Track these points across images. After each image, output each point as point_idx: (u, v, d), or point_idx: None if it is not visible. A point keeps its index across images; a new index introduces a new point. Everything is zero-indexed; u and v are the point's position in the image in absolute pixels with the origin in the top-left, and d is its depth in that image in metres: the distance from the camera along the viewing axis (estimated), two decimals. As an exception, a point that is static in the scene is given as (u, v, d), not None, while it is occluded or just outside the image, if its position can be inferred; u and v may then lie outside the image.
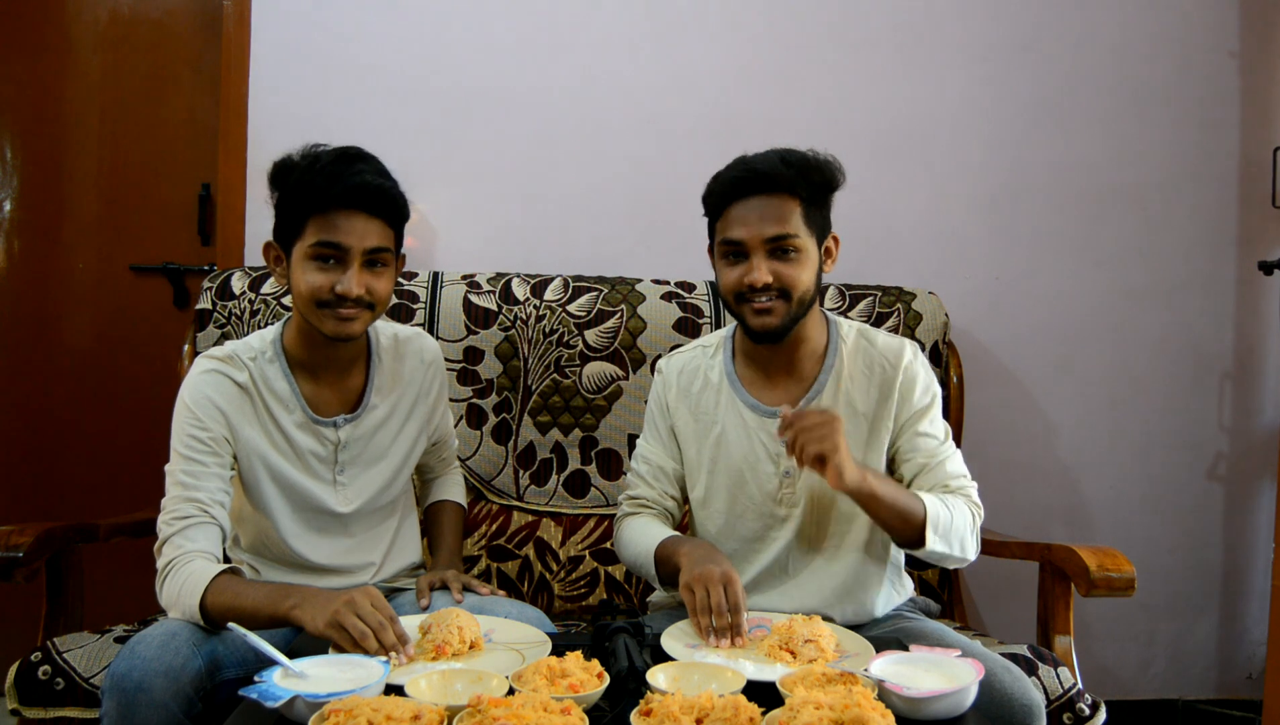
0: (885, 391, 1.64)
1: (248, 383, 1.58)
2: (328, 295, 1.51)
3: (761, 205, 1.55)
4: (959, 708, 1.19)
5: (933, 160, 2.60)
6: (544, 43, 2.50)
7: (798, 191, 1.55)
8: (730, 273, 1.59)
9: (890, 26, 2.58)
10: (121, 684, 1.31)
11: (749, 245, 1.55)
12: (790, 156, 1.57)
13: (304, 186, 1.50)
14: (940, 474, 1.61)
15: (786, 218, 1.55)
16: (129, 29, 2.57)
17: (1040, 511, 2.64)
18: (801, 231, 1.56)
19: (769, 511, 1.66)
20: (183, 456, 1.53)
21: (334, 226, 1.50)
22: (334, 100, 2.45)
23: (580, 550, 2.18)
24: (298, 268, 1.53)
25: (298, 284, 1.53)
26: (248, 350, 1.61)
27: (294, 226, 1.53)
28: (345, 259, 1.51)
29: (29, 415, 2.60)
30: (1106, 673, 2.67)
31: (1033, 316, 2.63)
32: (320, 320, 1.53)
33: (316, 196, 1.49)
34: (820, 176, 1.58)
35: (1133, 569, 1.80)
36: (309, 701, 1.10)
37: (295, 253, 1.53)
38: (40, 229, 2.60)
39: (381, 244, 1.53)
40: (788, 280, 1.55)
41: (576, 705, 1.09)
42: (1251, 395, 2.71)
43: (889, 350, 1.66)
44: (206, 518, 1.50)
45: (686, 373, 1.73)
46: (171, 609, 1.46)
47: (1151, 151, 2.65)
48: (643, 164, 2.53)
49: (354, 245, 1.50)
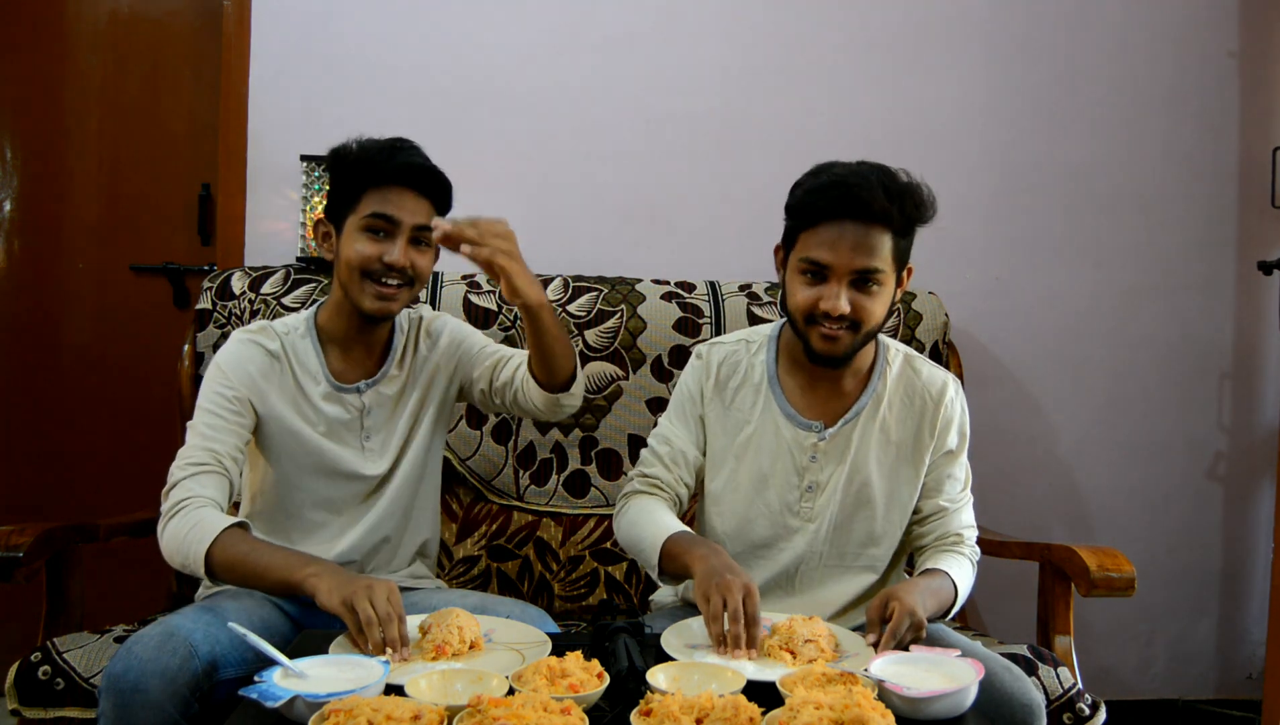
0: (921, 424, 1.64)
1: (279, 352, 1.66)
2: (376, 265, 1.59)
3: (855, 232, 1.48)
4: (959, 708, 1.18)
5: (933, 160, 2.58)
6: (544, 43, 2.50)
7: (892, 223, 1.49)
8: (805, 292, 1.52)
9: (890, 26, 2.58)
10: (118, 684, 1.31)
11: (833, 271, 1.49)
12: (891, 185, 1.50)
13: (363, 163, 1.60)
14: (954, 523, 1.65)
15: (877, 250, 1.49)
16: (129, 29, 2.57)
17: (1040, 511, 2.64)
18: (888, 265, 1.51)
19: (783, 522, 1.65)
20: (206, 410, 1.59)
21: (387, 200, 1.59)
22: (334, 100, 2.46)
23: (580, 550, 2.18)
24: (348, 239, 1.61)
25: (347, 254, 1.60)
26: (282, 326, 1.70)
27: (349, 200, 1.61)
28: (395, 232, 1.59)
29: (29, 415, 2.60)
30: (1106, 673, 2.67)
31: (1033, 316, 2.64)
32: (361, 294, 1.60)
33: (374, 172, 1.59)
34: (916, 211, 1.53)
35: (1133, 569, 1.80)
36: (309, 701, 1.10)
37: (348, 225, 1.61)
38: (40, 229, 2.60)
39: (428, 221, 1.61)
40: (864, 313, 1.51)
41: (576, 705, 1.09)
42: (1251, 395, 2.71)
43: (932, 384, 1.65)
44: (220, 469, 1.55)
45: (727, 365, 1.69)
46: (172, 554, 1.49)
47: (1151, 151, 2.65)
48: (643, 164, 2.53)
49: (404, 220, 1.59)
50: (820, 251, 1.50)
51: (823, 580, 1.66)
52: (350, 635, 1.34)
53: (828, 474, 1.63)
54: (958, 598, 1.57)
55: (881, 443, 1.63)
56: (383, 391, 1.71)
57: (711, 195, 2.55)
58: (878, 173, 1.51)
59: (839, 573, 1.66)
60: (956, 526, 1.65)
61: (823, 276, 1.51)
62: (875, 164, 1.55)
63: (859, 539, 1.65)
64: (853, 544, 1.65)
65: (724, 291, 2.32)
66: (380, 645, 1.30)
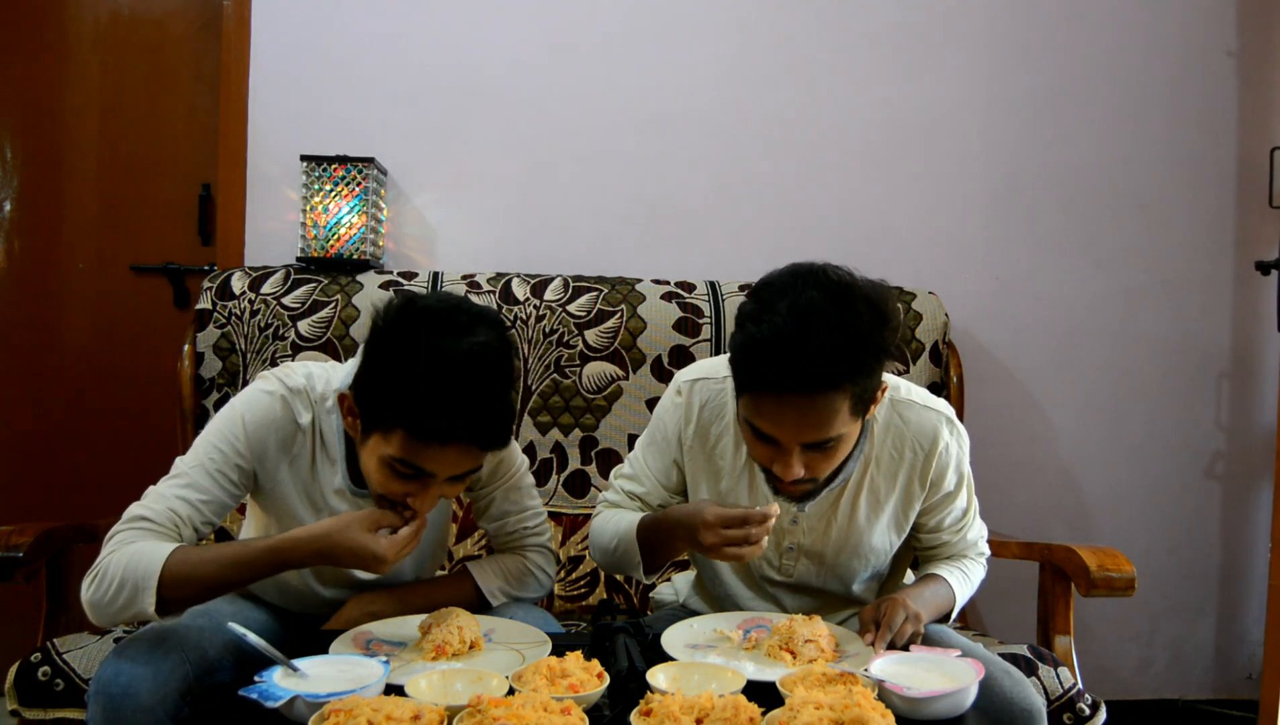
0: (911, 478, 1.52)
1: (308, 427, 1.46)
2: (398, 498, 1.35)
3: (800, 407, 1.27)
4: (959, 708, 1.19)
5: (933, 160, 2.60)
6: (544, 43, 2.50)
7: (844, 384, 1.27)
8: (757, 450, 1.37)
9: (890, 27, 2.58)
10: (107, 689, 1.27)
11: (781, 443, 1.32)
12: (848, 340, 1.25)
13: (404, 405, 1.28)
14: (960, 545, 1.63)
15: (829, 420, 1.29)
16: (129, 29, 2.57)
17: (1040, 511, 2.64)
18: (845, 424, 1.31)
19: (763, 573, 1.62)
20: (200, 464, 1.41)
21: (424, 454, 1.30)
22: (334, 100, 2.46)
23: (580, 550, 2.18)
24: (370, 458, 1.35)
25: (366, 471, 1.38)
26: (319, 392, 1.47)
27: (379, 419, 1.32)
28: (427, 480, 1.34)
29: (29, 415, 2.59)
30: (1106, 673, 2.67)
31: (1033, 316, 2.64)
32: (378, 501, 1.40)
33: (414, 422, 1.28)
34: (877, 356, 1.30)
35: (1133, 569, 1.80)
36: (309, 701, 1.10)
37: (372, 442, 1.34)
38: (40, 229, 2.60)
39: (474, 467, 1.36)
40: (823, 470, 1.37)
41: (576, 705, 1.09)
42: (1249, 395, 2.71)
43: (922, 434, 1.50)
44: (173, 533, 1.36)
45: (710, 408, 1.54)
46: (106, 604, 1.28)
47: (1150, 151, 2.65)
48: (642, 164, 2.53)
49: (441, 473, 1.33)
50: (764, 423, 1.31)
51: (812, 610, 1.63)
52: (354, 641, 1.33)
53: (811, 539, 1.56)
54: (955, 603, 1.56)
55: (870, 504, 1.53)
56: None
57: (711, 195, 2.55)
58: (830, 319, 1.25)
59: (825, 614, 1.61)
60: (962, 548, 1.62)
61: (773, 442, 1.33)
62: (832, 292, 1.27)
63: (843, 587, 1.62)
64: (837, 590, 1.62)
65: (724, 291, 2.32)
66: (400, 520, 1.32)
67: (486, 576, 1.58)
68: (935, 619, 1.53)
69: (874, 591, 1.66)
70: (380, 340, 1.32)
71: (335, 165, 2.30)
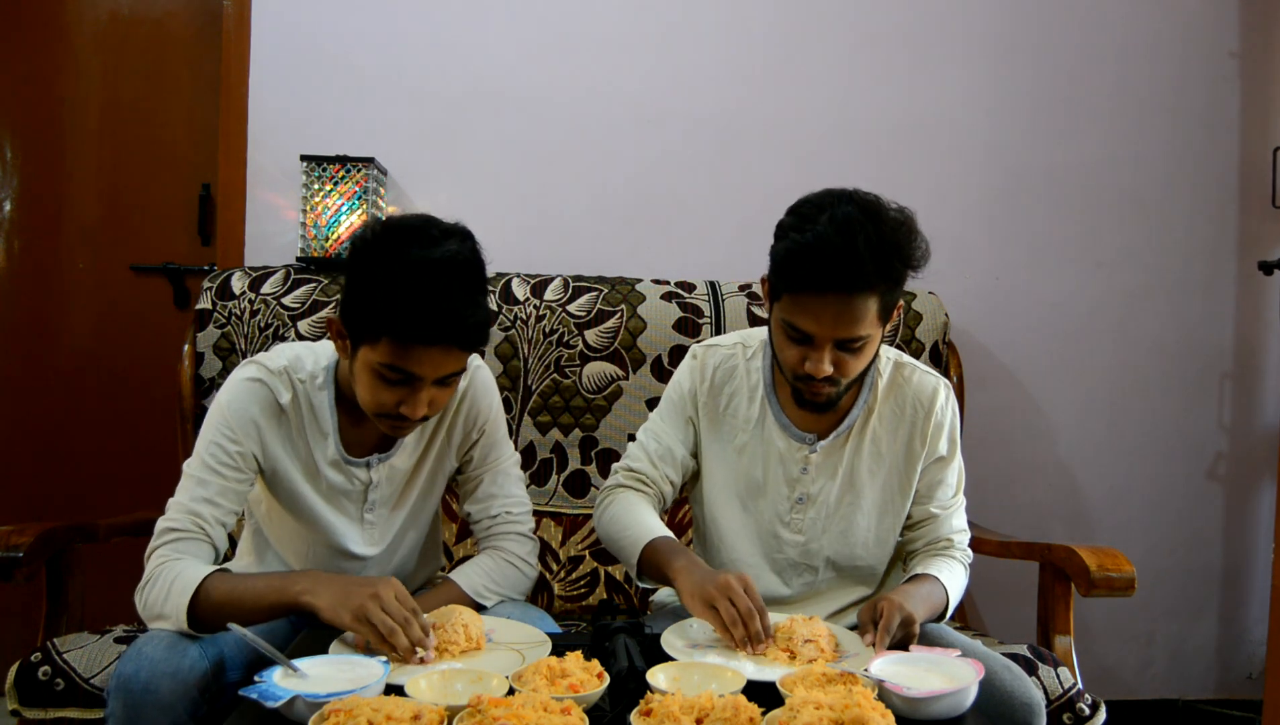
0: (913, 434, 1.62)
1: (290, 405, 1.51)
2: (390, 409, 1.42)
3: (838, 304, 1.41)
4: (959, 708, 1.18)
5: (933, 160, 2.60)
6: (544, 43, 2.50)
7: (878, 288, 1.41)
8: (790, 352, 1.48)
9: (890, 27, 2.58)
10: (128, 685, 1.30)
11: (817, 339, 1.44)
12: (880, 244, 1.39)
13: (386, 312, 1.35)
14: (945, 528, 1.65)
15: (862, 319, 1.42)
16: (129, 29, 2.57)
17: (1040, 511, 2.64)
18: (874, 327, 1.45)
19: (774, 531, 1.64)
20: (204, 462, 1.47)
21: (409, 356, 1.37)
22: (334, 100, 2.46)
23: (580, 550, 2.18)
24: (361, 372, 1.42)
25: (359, 390, 1.44)
26: (301, 369, 1.53)
27: (365, 332, 1.39)
28: (416, 386, 1.40)
29: (29, 415, 2.60)
30: (1106, 673, 2.67)
31: (1033, 316, 2.63)
32: (374, 420, 1.46)
33: (397, 327, 1.35)
34: (905, 267, 1.44)
35: (1133, 569, 1.80)
36: (309, 701, 1.10)
37: (360, 356, 1.41)
38: (40, 229, 2.60)
39: (458, 368, 1.42)
40: (849, 369, 1.47)
41: (576, 705, 1.09)
42: (1251, 395, 2.71)
43: (921, 391, 1.63)
44: (201, 535, 1.45)
45: (722, 371, 1.66)
46: (153, 619, 1.39)
47: (1152, 152, 2.65)
48: (643, 164, 2.53)
49: (428, 375, 1.39)
50: (803, 320, 1.44)
51: (815, 592, 1.66)
52: (355, 643, 1.33)
53: (819, 487, 1.62)
54: (949, 601, 1.57)
55: (873, 455, 1.62)
56: (395, 465, 1.60)
57: (711, 195, 2.55)
58: (866, 228, 1.39)
59: (832, 584, 1.66)
60: (947, 531, 1.65)
61: (807, 340, 1.45)
62: (865, 207, 1.42)
63: (851, 551, 1.65)
64: (845, 556, 1.65)
65: (724, 291, 2.32)
66: (410, 648, 1.29)
67: (468, 578, 1.60)
68: (930, 618, 1.54)
69: (870, 579, 1.67)
70: (360, 259, 1.41)
71: (335, 165, 2.31)
